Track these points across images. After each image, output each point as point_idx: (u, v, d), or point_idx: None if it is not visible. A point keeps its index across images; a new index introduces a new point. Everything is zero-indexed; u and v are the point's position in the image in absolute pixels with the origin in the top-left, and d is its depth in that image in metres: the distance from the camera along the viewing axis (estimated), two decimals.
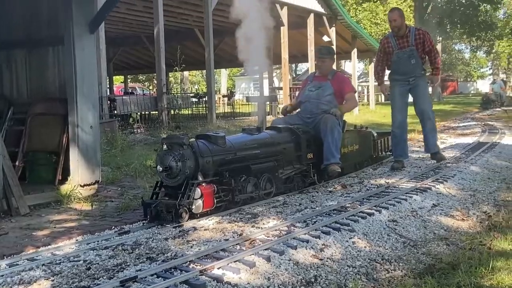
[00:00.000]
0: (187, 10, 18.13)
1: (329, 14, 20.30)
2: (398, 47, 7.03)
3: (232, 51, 23.88)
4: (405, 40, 7.00)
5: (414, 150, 9.54)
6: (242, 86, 55.51)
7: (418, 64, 7.07)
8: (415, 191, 5.50)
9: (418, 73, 7.12)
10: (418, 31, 7.13)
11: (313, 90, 6.57)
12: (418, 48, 6.99)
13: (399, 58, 7.05)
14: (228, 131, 10.98)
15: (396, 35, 7.05)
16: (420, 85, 7.20)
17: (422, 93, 7.30)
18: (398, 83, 7.22)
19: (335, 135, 6.09)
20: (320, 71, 6.79)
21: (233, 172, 4.90)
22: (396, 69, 7.18)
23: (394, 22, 6.97)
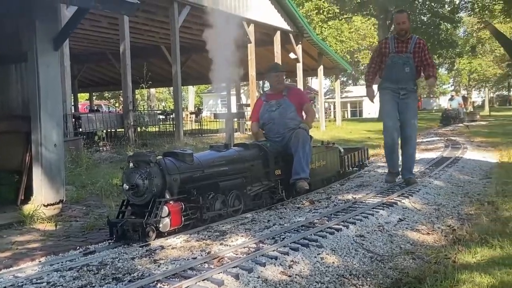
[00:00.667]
0: (153, 27, 18.10)
1: (296, 32, 20.56)
2: (396, 50, 6.56)
3: (199, 68, 24.02)
4: (404, 45, 6.55)
5: (379, 165, 9.67)
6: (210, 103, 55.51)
7: (411, 74, 6.58)
8: (382, 206, 5.56)
9: (410, 86, 6.65)
10: (420, 40, 6.64)
11: (274, 109, 6.47)
12: (415, 57, 6.53)
13: (394, 63, 6.57)
14: (195, 148, 10.94)
15: (397, 38, 6.61)
16: (409, 103, 6.71)
17: (410, 113, 6.75)
18: (389, 91, 6.72)
19: (306, 150, 6.14)
20: (275, 88, 6.66)
21: (201, 189, 4.87)
22: (389, 74, 6.66)
23: (403, 25, 6.57)
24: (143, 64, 13.63)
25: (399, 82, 6.60)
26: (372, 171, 8.88)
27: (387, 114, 6.89)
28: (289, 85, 7.19)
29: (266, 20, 18.33)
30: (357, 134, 19.74)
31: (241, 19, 13.96)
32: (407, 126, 6.73)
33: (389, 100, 6.74)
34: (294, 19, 20.10)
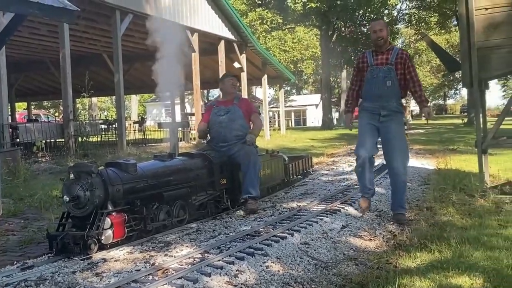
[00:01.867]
0: (94, 35, 17.77)
1: (240, 41, 20.69)
2: (374, 63, 5.63)
3: (143, 77, 23.72)
4: (384, 57, 5.61)
5: (323, 173, 9.83)
6: (154, 112, 54.89)
7: (394, 90, 5.54)
8: (325, 213, 5.65)
9: (392, 105, 5.57)
10: (402, 51, 5.70)
11: (222, 114, 6.45)
12: (398, 69, 5.54)
13: (373, 77, 5.60)
14: (139, 158, 10.77)
15: (375, 50, 5.68)
16: (391, 128, 5.55)
17: (395, 140, 5.56)
18: (367, 114, 5.71)
19: (256, 169, 6.19)
20: (228, 94, 6.64)
21: (144, 200, 4.79)
22: (368, 90, 5.68)
23: (380, 32, 5.59)
24: (84, 73, 13.32)
25: (380, 100, 5.56)
26: (316, 179, 9.01)
27: (361, 143, 5.75)
28: (239, 95, 7.10)
29: (210, 29, 18.36)
30: (301, 143, 20.00)
31: (184, 28, 13.89)
32: (393, 159, 5.59)
33: (365, 125, 5.67)
34: (238, 28, 20.23)
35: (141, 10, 13.97)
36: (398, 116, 5.57)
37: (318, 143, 19.97)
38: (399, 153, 5.54)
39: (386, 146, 5.63)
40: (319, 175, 9.49)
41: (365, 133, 5.69)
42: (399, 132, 5.55)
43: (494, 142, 6.63)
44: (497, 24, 6.22)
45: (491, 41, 6.30)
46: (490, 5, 6.21)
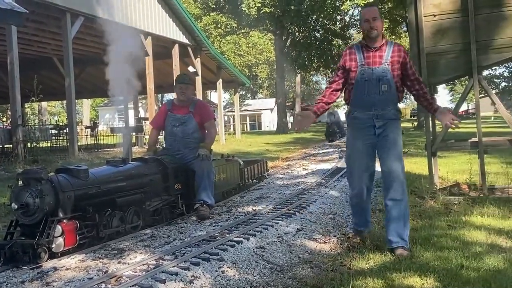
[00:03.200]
0: (44, 38, 17.33)
1: (194, 45, 20.61)
2: (365, 61, 4.42)
3: (95, 81, 23.29)
4: (377, 54, 4.42)
5: (278, 177, 9.88)
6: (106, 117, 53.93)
7: (391, 95, 4.40)
8: (281, 217, 5.68)
9: (389, 112, 4.45)
10: (398, 46, 4.49)
11: (176, 125, 6.35)
12: (394, 70, 4.39)
13: (363, 79, 4.40)
14: (91, 163, 10.54)
15: (366, 45, 4.45)
16: (389, 138, 4.44)
17: (393, 152, 4.44)
18: (359, 128, 4.53)
19: (210, 177, 6.17)
20: (181, 100, 6.47)
21: (97, 206, 4.69)
22: (358, 96, 4.46)
23: (373, 22, 4.36)
24: (33, 77, 12.94)
25: (374, 107, 4.42)
26: (272, 183, 9.05)
27: (355, 171, 4.61)
28: (197, 99, 6.85)
29: (164, 33, 18.21)
30: (256, 147, 20.05)
31: (137, 31, 13.72)
32: (392, 174, 4.40)
33: (359, 148, 4.53)
34: (192, 32, 20.15)
35: (93, 12, 13.70)
36: (395, 124, 4.52)
37: (273, 147, 20.08)
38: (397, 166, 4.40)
39: (383, 160, 4.48)
40: (274, 179, 9.53)
41: (359, 158, 4.53)
42: (397, 142, 4.49)
43: (443, 145, 6.82)
44: (445, 30, 6.41)
45: (439, 47, 6.49)
46: (438, 11, 6.40)
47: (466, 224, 5.06)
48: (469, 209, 5.69)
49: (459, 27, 6.33)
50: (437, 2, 6.39)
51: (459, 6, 6.25)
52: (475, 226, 4.97)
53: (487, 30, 6.22)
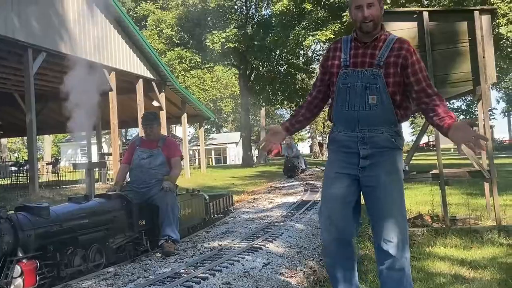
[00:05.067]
0: (4, 73, 17.06)
1: (158, 80, 20.61)
2: (351, 61, 3.14)
3: (57, 116, 22.94)
4: (368, 52, 3.14)
5: (244, 211, 9.84)
6: (69, 153, 52.98)
7: (383, 111, 3.07)
8: (247, 251, 5.63)
9: (382, 136, 3.09)
10: (401, 42, 3.15)
11: (144, 157, 6.33)
12: (390, 74, 3.07)
13: (346, 85, 3.12)
14: (53, 201, 10.30)
15: (356, 39, 3.18)
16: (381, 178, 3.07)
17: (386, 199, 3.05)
18: (338, 152, 3.20)
19: (175, 211, 6.12)
20: (149, 138, 6.50)
21: (58, 245, 4.57)
22: (339, 109, 3.17)
23: (368, 9, 3.06)
24: None
25: (358, 127, 3.11)
26: (237, 217, 9.00)
27: (325, 195, 3.24)
28: (166, 136, 6.87)
29: (128, 68, 18.18)
30: (222, 181, 19.98)
31: (101, 67, 13.67)
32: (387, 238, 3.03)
33: (335, 164, 3.21)
34: (156, 67, 20.18)
35: (55, 48, 13.63)
36: (392, 156, 3.10)
37: (239, 181, 20.05)
38: (394, 225, 3.01)
39: (372, 211, 3.13)
40: (240, 213, 9.49)
41: (333, 193, 3.16)
42: (396, 186, 3.07)
43: (406, 177, 6.94)
44: None
45: None
46: None
47: (430, 255, 5.12)
48: (433, 240, 5.78)
49: None
50: None
51: (417, 42, 6.46)
52: (438, 257, 5.04)
53: (444, 65, 6.44)
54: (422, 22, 6.39)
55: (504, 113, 71.79)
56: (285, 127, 3.35)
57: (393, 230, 3.00)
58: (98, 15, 15.93)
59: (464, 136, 2.76)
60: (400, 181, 3.11)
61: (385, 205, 3.04)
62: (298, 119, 3.36)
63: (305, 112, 3.36)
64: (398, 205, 3.05)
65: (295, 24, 26.71)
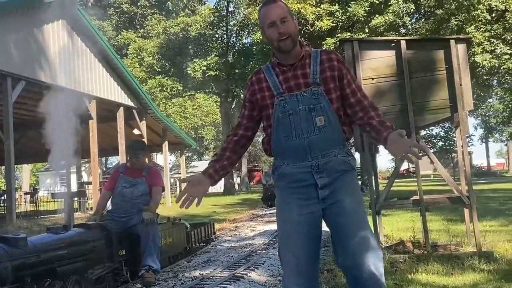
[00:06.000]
0: None
1: (139, 108, 20.57)
2: (284, 87, 2.84)
3: (36, 145, 22.69)
4: (298, 73, 2.84)
5: (226, 239, 9.76)
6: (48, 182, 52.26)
7: (333, 131, 2.81)
8: (229, 280, 5.57)
9: (336, 158, 2.82)
10: (328, 53, 2.91)
11: (127, 186, 6.25)
12: (330, 90, 2.82)
13: (286, 113, 2.81)
14: (30, 231, 10.11)
15: (279, 62, 2.88)
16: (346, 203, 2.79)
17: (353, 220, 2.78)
18: (290, 191, 2.84)
19: (156, 241, 6.04)
20: (134, 166, 6.41)
21: (36, 276, 4.46)
22: (282, 140, 2.84)
23: (282, 25, 2.77)
24: None
25: (310, 154, 2.78)
26: (219, 245, 8.92)
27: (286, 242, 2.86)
28: (151, 167, 6.80)
29: (108, 96, 18.14)
30: (203, 209, 19.80)
31: (81, 95, 13.61)
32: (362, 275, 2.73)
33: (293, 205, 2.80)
34: (137, 95, 20.17)
35: (35, 77, 13.56)
36: (349, 177, 2.85)
37: (221, 209, 19.93)
38: (365, 243, 2.74)
39: (339, 238, 2.79)
40: (222, 242, 9.40)
41: (293, 239, 2.79)
42: (358, 206, 2.83)
43: (387, 203, 6.97)
44: (383, 93, 6.69)
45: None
46: (375, 75, 6.69)
47: (412, 282, 5.12)
48: (415, 267, 5.78)
49: (396, 90, 6.63)
50: (375, 66, 6.70)
51: (395, 70, 6.57)
52: (420, 283, 5.04)
53: (422, 92, 6.54)
54: (400, 50, 6.51)
55: (481, 140, 72.96)
56: (209, 174, 2.92)
57: (366, 246, 2.73)
58: (78, 43, 15.94)
59: (401, 148, 2.58)
60: (363, 204, 2.88)
61: (355, 228, 2.75)
62: (223, 163, 2.94)
63: (231, 154, 2.95)
64: (367, 230, 2.79)
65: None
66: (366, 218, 2.86)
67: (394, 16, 20.28)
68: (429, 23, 21.14)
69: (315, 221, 2.80)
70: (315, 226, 2.81)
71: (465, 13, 19.64)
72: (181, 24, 37.66)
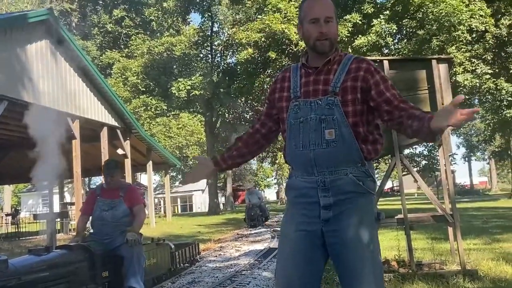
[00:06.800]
0: None
1: (123, 128, 20.48)
2: (302, 90, 2.59)
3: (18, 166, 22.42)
4: (321, 78, 2.57)
5: (210, 260, 9.68)
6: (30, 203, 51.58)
7: (345, 147, 2.48)
8: None
9: (347, 178, 2.50)
10: (359, 61, 2.59)
11: (106, 209, 6.07)
12: (348, 103, 2.50)
13: (298, 120, 2.55)
14: (12, 253, 9.94)
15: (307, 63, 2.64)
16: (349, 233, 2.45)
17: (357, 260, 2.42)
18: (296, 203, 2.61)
19: (141, 261, 5.95)
20: (109, 186, 6.21)
21: None
22: (291, 148, 2.60)
23: (325, 24, 2.52)
24: None
25: (316, 168, 2.52)
26: (204, 266, 8.85)
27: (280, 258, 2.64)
28: (127, 184, 6.61)
29: (92, 116, 18.03)
30: (188, 229, 19.69)
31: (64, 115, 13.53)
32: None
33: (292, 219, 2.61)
34: (121, 115, 20.09)
35: (18, 96, 13.44)
36: (360, 203, 2.52)
37: (205, 229, 19.80)
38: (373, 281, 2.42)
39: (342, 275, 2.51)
40: (206, 262, 9.33)
41: (288, 257, 2.57)
42: (368, 242, 2.46)
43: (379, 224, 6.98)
44: None
45: None
46: None
47: None
48: (400, 286, 5.78)
49: None
50: None
51: None
52: None
53: None
54: (382, 70, 6.58)
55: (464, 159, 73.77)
56: (215, 161, 2.84)
57: None
58: (62, 63, 15.89)
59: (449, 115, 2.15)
60: (372, 234, 2.49)
61: (356, 268, 2.41)
62: (232, 153, 2.84)
63: (242, 146, 2.83)
64: (372, 266, 2.42)
65: (260, 72, 27.21)
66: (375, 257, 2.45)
67: (377, 37, 20.56)
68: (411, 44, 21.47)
69: (313, 240, 2.50)
70: (314, 246, 2.51)
71: (446, 34, 19.98)
72: (166, 44, 37.77)
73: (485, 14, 19.72)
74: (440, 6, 19.12)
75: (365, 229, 2.47)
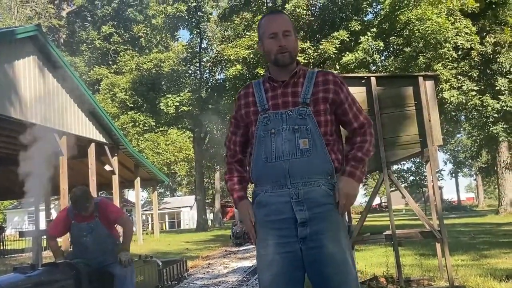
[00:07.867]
0: None
1: (111, 144, 20.38)
2: (270, 103, 2.65)
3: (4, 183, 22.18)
4: (289, 90, 2.65)
5: (198, 277, 9.61)
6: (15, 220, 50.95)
7: (318, 157, 2.55)
8: None
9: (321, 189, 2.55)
10: (325, 74, 2.70)
11: (85, 235, 5.63)
12: (320, 112, 2.60)
13: (268, 132, 2.60)
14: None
15: (270, 77, 2.71)
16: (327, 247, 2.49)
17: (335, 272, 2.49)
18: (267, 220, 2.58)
19: (133, 282, 5.86)
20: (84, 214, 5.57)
21: None
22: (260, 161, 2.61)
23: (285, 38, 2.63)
24: None
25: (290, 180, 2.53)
26: (192, 283, 8.77)
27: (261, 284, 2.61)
28: (98, 200, 5.88)
29: (79, 132, 17.92)
30: (176, 246, 19.55)
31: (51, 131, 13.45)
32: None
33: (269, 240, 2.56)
34: (109, 131, 20.00)
35: (4, 112, 13.34)
36: (334, 216, 2.57)
37: (193, 245, 19.68)
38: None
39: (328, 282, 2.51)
40: (194, 279, 9.25)
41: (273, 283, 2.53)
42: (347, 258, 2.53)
43: (360, 238, 6.97)
44: None
45: None
46: None
47: None
48: None
49: None
50: None
51: (366, 106, 6.67)
52: None
53: (393, 128, 6.65)
54: (370, 87, 6.63)
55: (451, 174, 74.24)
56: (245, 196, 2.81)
57: None
58: (50, 79, 15.83)
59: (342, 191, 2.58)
60: (349, 248, 2.58)
61: (339, 285, 2.49)
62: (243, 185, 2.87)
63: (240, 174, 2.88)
64: (355, 280, 2.53)
65: None
66: (352, 271, 2.54)
67: (364, 54, 20.74)
68: (398, 61, 21.68)
69: (295, 261, 2.50)
70: (295, 267, 2.50)
71: (432, 51, 20.21)
72: (154, 60, 37.82)
73: (470, 32, 20.00)
74: (426, 24, 19.35)
75: (343, 245, 2.55)
